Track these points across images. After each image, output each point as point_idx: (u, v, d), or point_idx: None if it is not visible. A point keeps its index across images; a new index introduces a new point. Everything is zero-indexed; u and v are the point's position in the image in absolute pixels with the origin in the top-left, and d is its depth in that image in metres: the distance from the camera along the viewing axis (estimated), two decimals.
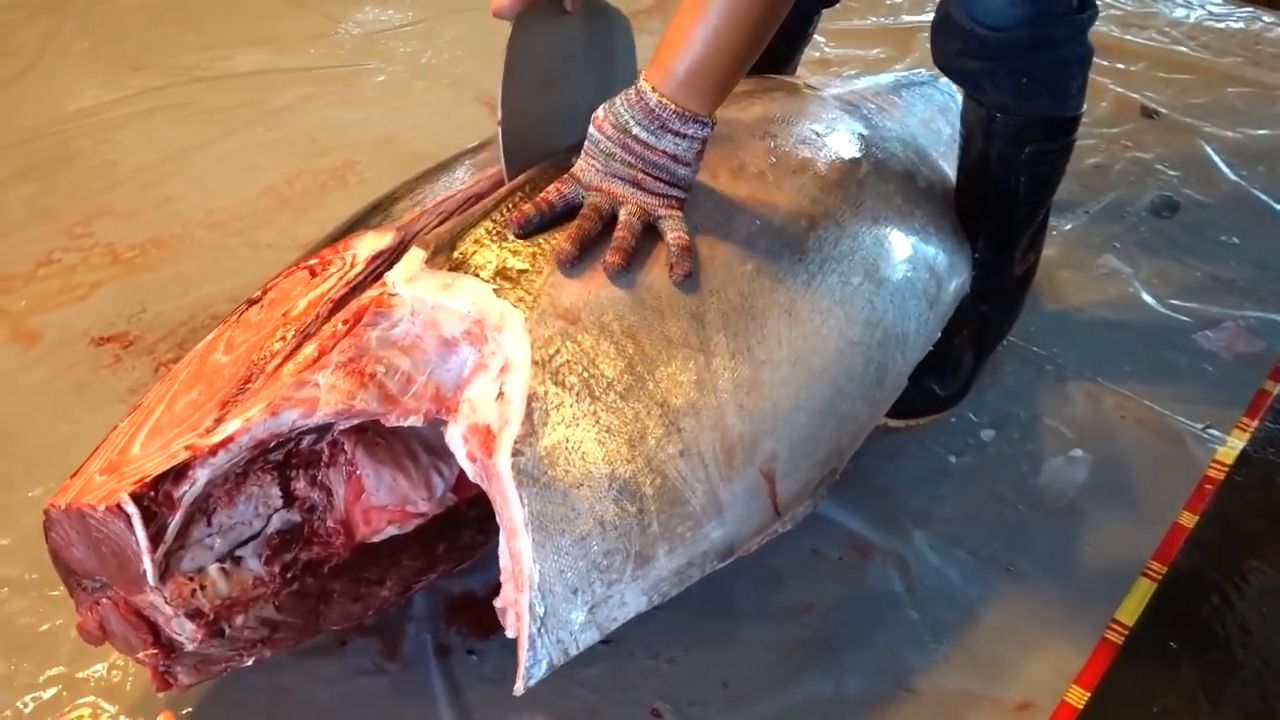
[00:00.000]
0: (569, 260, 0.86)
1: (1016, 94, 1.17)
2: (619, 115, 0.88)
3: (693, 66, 0.86)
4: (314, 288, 0.89)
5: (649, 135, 0.88)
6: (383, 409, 0.83)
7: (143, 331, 1.36)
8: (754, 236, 0.92)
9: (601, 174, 0.90)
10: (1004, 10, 1.09)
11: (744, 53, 0.87)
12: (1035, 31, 1.11)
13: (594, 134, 0.90)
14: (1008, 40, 1.11)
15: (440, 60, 2.01)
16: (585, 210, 0.89)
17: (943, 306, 1.09)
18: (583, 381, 0.82)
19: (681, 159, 0.89)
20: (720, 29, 0.85)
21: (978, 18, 1.11)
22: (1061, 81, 1.17)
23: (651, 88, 0.87)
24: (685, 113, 0.87)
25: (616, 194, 0.89)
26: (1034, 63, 1.14)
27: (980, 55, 1.14)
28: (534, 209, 0.89)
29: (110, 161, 1.68)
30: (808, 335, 0.90)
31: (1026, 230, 1.31)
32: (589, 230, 0.88)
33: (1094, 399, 1.33)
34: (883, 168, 1.09)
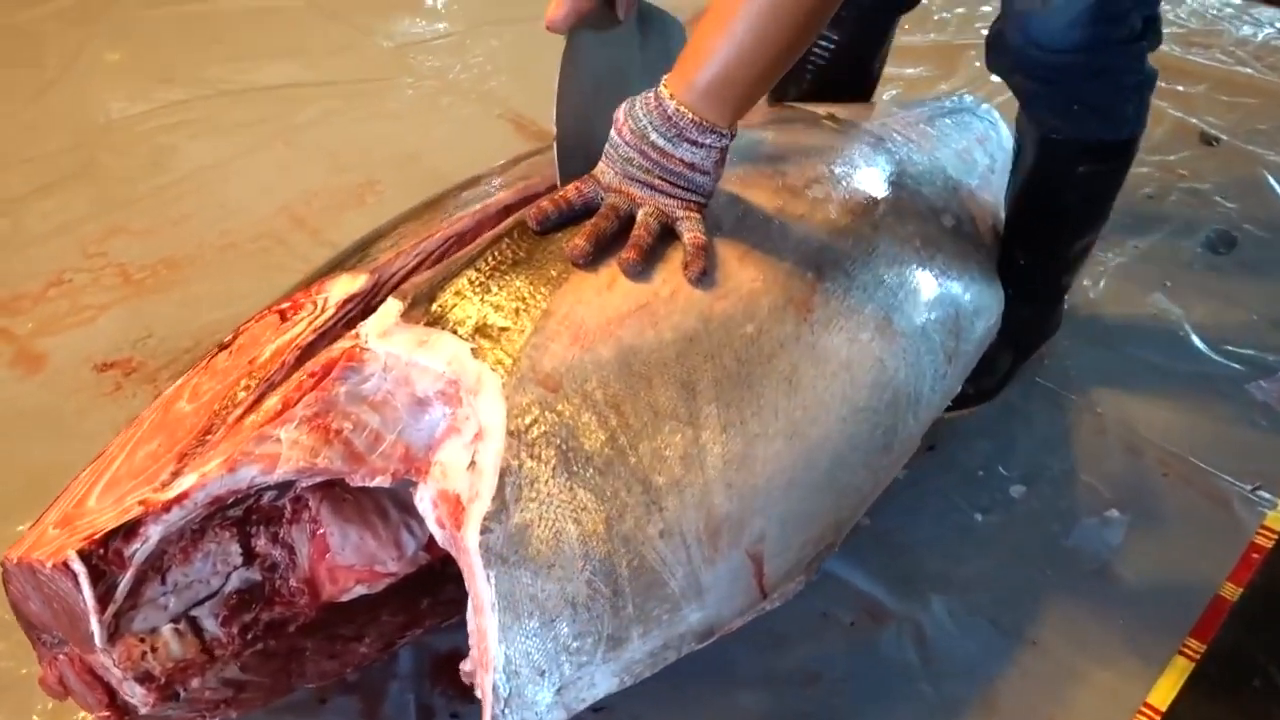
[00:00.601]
0: (583, 257, 0.83)
1: (1067, 117, 1.14)
2: (637, 120, 0.85)
3: (714, 78, 0.83)
4: (282, 333, 0.85)
5: (666, 143, 0.85)
6: (348, 467, 0.78)
7: (146, 358, 1.34)
8: (756, 295, 0.85)
9: (620, 177, 0.87)
10: (1061, 33, 1.04)
11: (769, 70, 0.84)
12: (1090, 58, 1.06)
13: (614, 137, 0.87)
14: (1062, 64, 1.07)
15: (469, 75, 1.97)
16: (603, 210, 0.86)
17: (964, 359, 1.02)
18: (560, 455, 0.77)
19: (699, 167, 0.86)
20: (746, 44, 0.81)
21: (1032, 38, 1.06)
22: (1116, 107, 1.13)
23: (670, 94, 0.84)
24: (704, 123, 0.84)
25: (635, 196, 0.87)
26: (1087, 89, 1.10)
27: (1032, 76, 1.11)
28: (553, 206, 0.86)
29: (131, 178, 1.66)
30: (808, 404, 0.83)
31: (1074, 244, 1.29)
32: (605, 229, 0.85)
33: (1134, 453, 1.25)
34: (902, 208, 1.02)
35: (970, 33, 2.20)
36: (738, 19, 0.80)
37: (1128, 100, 1.13)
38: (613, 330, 0.81)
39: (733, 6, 0.81)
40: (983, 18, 2.25)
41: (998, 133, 1.43)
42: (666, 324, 0.82)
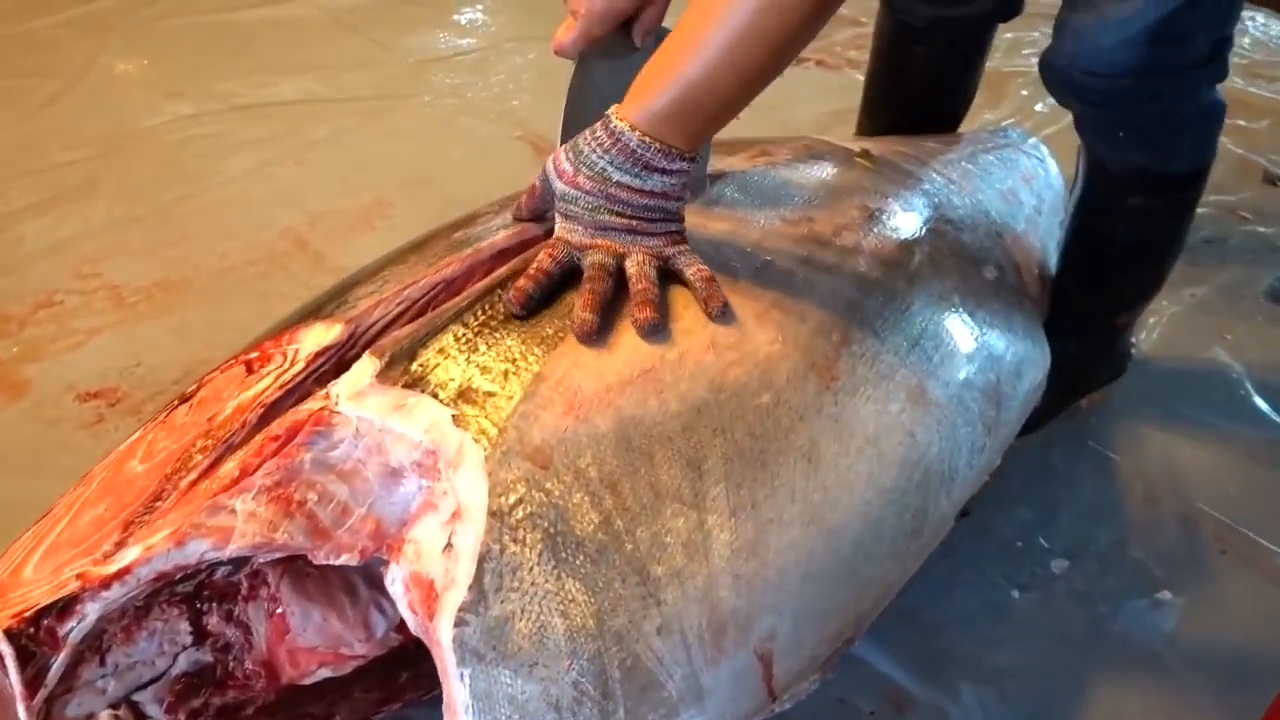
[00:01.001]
0: (593, 331, 0.74)
1: (1114, 144, 1.06)
2: (593, 164, 0.77)
3: (678, 104, 0.75)
4: (247, 388, 0.77)
5: (633, 179, 0.76)
6: (310, 543, 0.70)
7: (132, 388, 1.26)
8: (774, 359, 0.76)
9: (590, 231, 0.78)
10: (1111, 53, 0.96)
11: (737, 100, 0.76)
12: (1141, 82, 0.97)
13: (566, 190, 0.78)
14: (1109, 87, 0.98)
15: (488, 94, 1.90)
16: (590, 271, 0.77)
17: (1005, 429, 0.92)
18: (547, 540, 0.68)
19: (671, 195, 0.78)
20: (716, 72, 0.73)
21: (1080, 56, 0.98)
22: (1169, 138, 1.04)
23: (630, 126, 0.75)
24: (670, 149, 0.76)
25: (616, 247, 0.78)
26: (1137, 116, 1.02)
27: (1080, 97, 1.02)
28: (531, 283, 0.77)
29: (132, 195, 1.60)
30: (829, 485, 0.74)
31: (1128, 282, 1.20)
32: (603, 292, 0.76)
33: (1190, 527, 1.14)
34: (940, 259, 0.92)
35: (1018, 59, 2.10)
36: (706, 44, 0.73)
37: (1183, 132, 1.05)
38: (612, 399, 0.72)
39: (701, 29, 0.73)
40: (1031, 44, 2.14)
41: (1045, 170, 1.33)
42: (672, 392, 0.73)
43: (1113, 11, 0.94)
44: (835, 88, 2.01)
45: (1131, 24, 0.93)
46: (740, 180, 0.94)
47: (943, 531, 0.86)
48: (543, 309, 0.77)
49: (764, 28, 0.71)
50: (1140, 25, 0.93)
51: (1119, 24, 0.94)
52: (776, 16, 0.71)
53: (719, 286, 0.77)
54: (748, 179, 0.94)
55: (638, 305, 0.74)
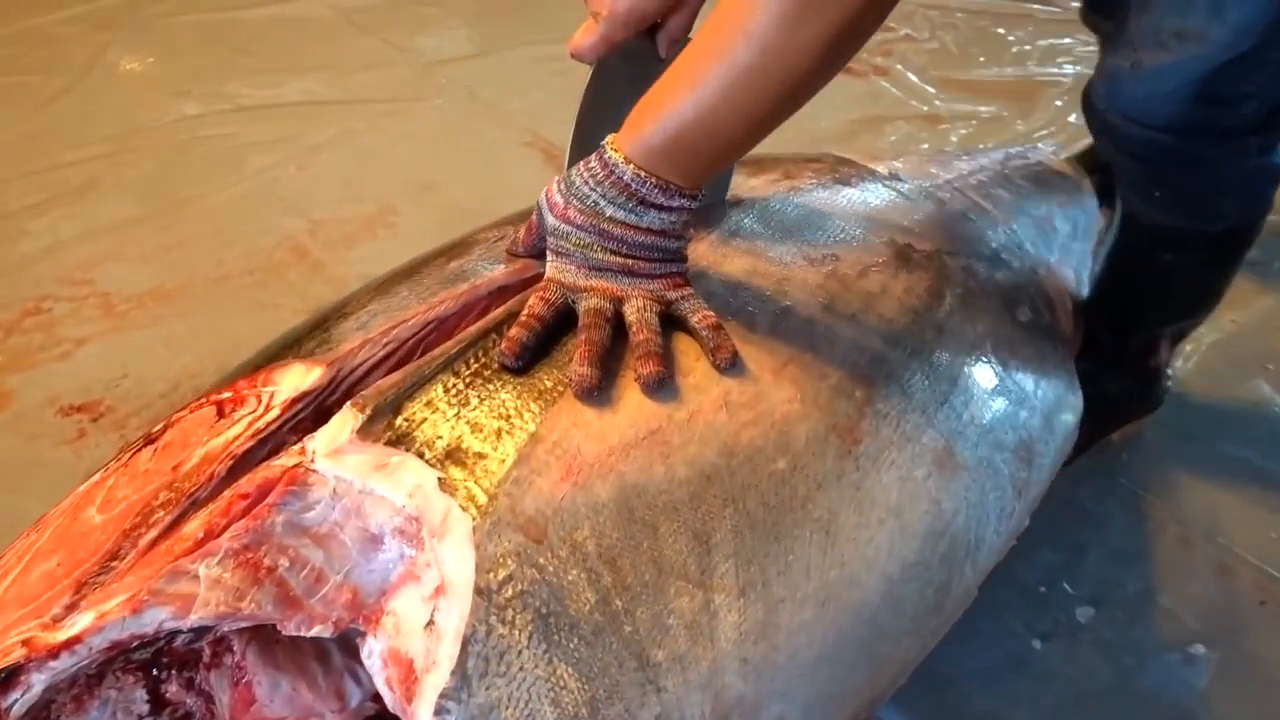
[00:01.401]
0: (592, 387, 0.68)
1: (1149, 201, 0.98)
2: (584, 197, 0.71)
3: (675, 141, 0.68)
4: (217, 434, 0.71)
5: (628, 215, 0.70)
6: (280, 614, 0.64)
7: (117, 402, 1.22)
8: (792, 421, 0.70)
9: (584, 270, 0.72)
10: (1151, 106, 0.87)
11: (741, 142, 0.70)
12: (1183, 141, 0.88)
13: (557, 225, 0.72)
14: (1147, 140, 0.89)
15: (500, 97, 1.84)
16: (585, 319, 0.71)
17: (1035, 489, 0.86)
18: (539, 620, 0.62)
19: (671, 233, 0.72)
20: (717, 109, 0.66)
21: (1119, 104, 0.90)
22: (1209, 199, 0.96)
23: (624, 159, 0.69)
24: (669, 185, 0.70)
25: (613, 290, 0.72)
26: (1171, 176, 0.93)
27: (1116, 145, 0.94)
28: (525, 331, 0.70)
29: (131, 197, 1.55)
30: (846, 561, 0.68)
31: (1161, 329, 1.13)
32: (600, 341, 0.69)
33: (1226, 574, 1.08)
34: (972, 302, 0.86)
35: (1053, 68, 2.02)
36: (707, 81, 0.66)
37: (1227, 196, 0.96)
38: (614, 464, 0.66)
39: (702, 64, 0.66)
40: (1067, 52, 2.07)
41: (1079, 192, 1.26)
42: (680, 457, 0.67)
43: (1148, 59, 0.86)
44: (861, 96, 1.94)
45: (1169, 77, 0.84)
46: (760, 209, 0.88)
47: (966, 603, 0.80)
48: (540, 358, 0.71)
49: (768, 70, 0.64)
50: (1179, 80, 0.84)
51: (1155, 75, 0.85)
52: (780, 60, 0.64)
53: (728, 335, 0.71)
54: (768, 208, 0.88)
55: (640, 359, 0.68)
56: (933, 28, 2.16)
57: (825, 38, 0.63)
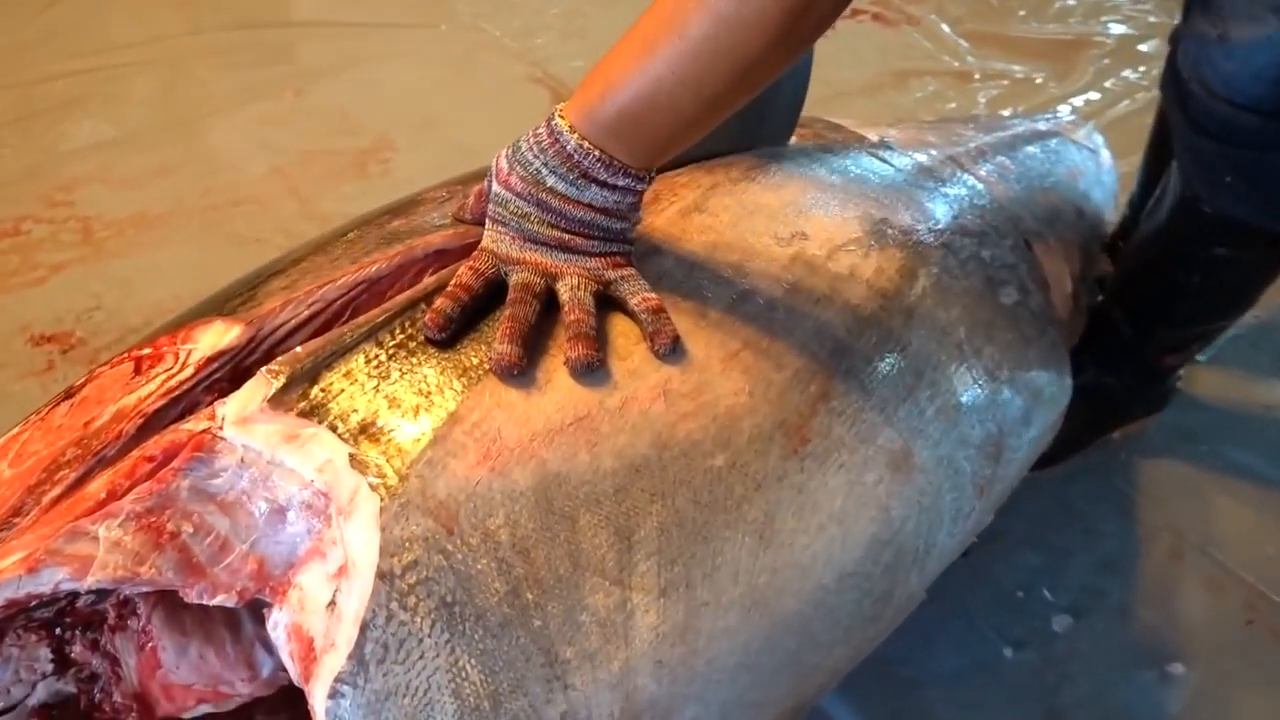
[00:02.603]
0: (515, 366, 0.63)
1: (1218, 188, 0.90)
2: (528, 164, 0.66)
3: (622, 116, 0.63)
4: (130, 391, 0.68)
5: (568, 187, 0.66)
6: (181, 580, 0.61)
7: (88, 334, 1.19)
8: (737, 415, 0.65)
9: (519, 242, 0.68)
10: (1239, 81, 0.80)
11: (691, 121, 0.64)
12: (1264, 124, 0.80)
13: (499, 192, 0.68)
14: (1226, 118, 0.82)
15: (510, 29, 1.77)
16: (513, 294, 0.66)
17: (1001, 485, 0.81)
18: (442, 609, 0.59)
19: (614, 212, 0.67)
20: (663, 82, 0.62)
21: (1202, 75, 0.82)
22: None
23: (569, 127, 0.65)
24: (614, 161, 0.65)
25: (547, 265, 0.67)
26: (1249, 162, 0.85)
27: (1192, 121, 0.86)
28: (451, 302, 0.66)
29: (119, 116, 1.51)
30: (779, 567, 0.63)
31: (1189, 328, 1.07)
32: (525, 317, 0.65)
33: (1216, 590, 1.02)
34: (949, 284, 0.80)
35: (1096, 26, 1.92)
36: (656, 51, 0.61)
37: None
38: (536, 449, 0.62)
39: (653, 32, 0.61)
40: (1115, 10, 1.96)
41: (1097, 163, 1.19)
42: (608, 446, 0.63)
43: (1236, 32, 0.79)
44: (893, 46, 1.84)
45: (1259, 54, 0.77)
46: (730, 180, 0.82)
47: (909, 609, 0.76)
48: (467, 331, 0.66)
49: (719, 43, 0.59)
50: (1270, 58, 0.77)
51: (1245, 50, 0.78)
52: (731, 32, 0.59)
53: (669, 320, 0.66)
54: (739, 178, 0.82)
55: (570, 340, 0.64)
56: None
57: (780, 6, 0.58)
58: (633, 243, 0.70)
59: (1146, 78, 1.77)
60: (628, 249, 0.69)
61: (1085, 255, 1.07)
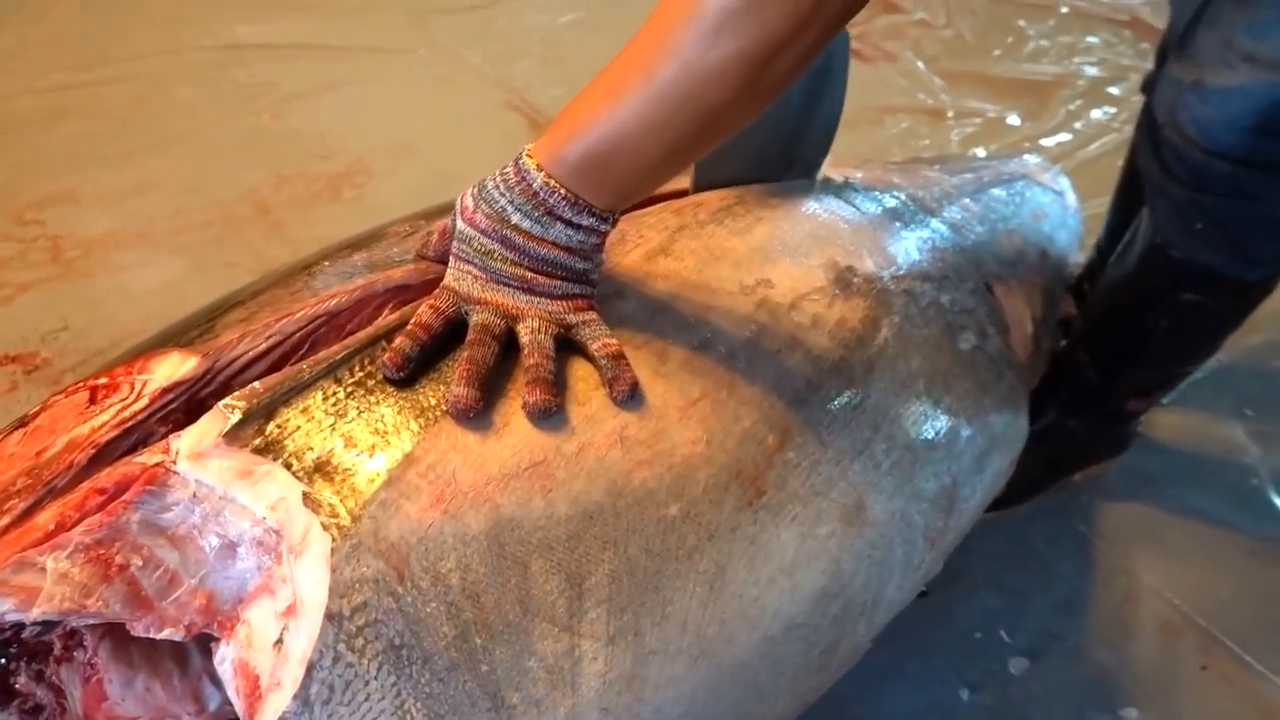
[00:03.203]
0: (468, 408, 0.63)
1: (1186, 233, 0.91)
2: (493, 201, 0.67)
3: (589, 157, 0.64)
4: (85, 420, 0.68)
5: (533, 225, 0.66)
6: (129, 613, 0.61)
7: (54, 354, 1.18)
8: (693, 465, 0.66)
9: (482, 281, 0.68)
10: (1211, 128, 0.81)
11: (656, 165, 0.65)
12: (1234, 171, 0.82)
13: (464, 229, 0.68)
14: (1199, 164, 0.84)
15: (490, 56, 1.77)
16: (472, 335, 0.66)
17: (952, 536, 0.82)
18: (390, 651, 0.59)
19: (577, 251, 0.67)
20: (629, 125, 0.62)
21: (1178, 122, 0.84)
22: (1252, 243, 0.90)
23: (536, 166, 0.65)
24: (579, 200, 0.65)
25: (508, 306, 0.67)
26: (1220, 209, 0.87)
27: (1162, 166, 0.88)
28: (409, 341, 0.66)
29: (95, 134, 1.51)
30: (727, 617, 0.64)
31: (1154, 373, 1.08)
32: (484, 360, 0.65)
33: (1170, 633, 1.03)
34: (908, 332, 0.81)
35: (1070, 67, 1.94)
36: (625, 96, 0.62)
37: (1269, 239, 0.90)
38: (490, 494, 0.62)
39: (622, 76, 0.62)
40: (1088, 51, 1.99)
41: (1062, 205, 1.20)
42: (563, 492, 0.63)
43: (1211, 78, 0.80)
44: (865, 82, 1.86)
45: (1233, 100, 0.79)
46: (699, 223, 0.82)
47: (855, 658, 0.76)
48: (426, 370, 0.66)
49: (684, 89, 0.60)
50: (1243, 107, 0.79)
51: (1218, 97, 0.80)
52: (695, 79, 0.60)
53: (628, 366, 0.66)
54: (708, 221, 0.83)
55: (529, 385, 0.64)
56: (950, 13, 2.07)
57: (744, 58, 0.59)
58: (596, 285, 0.70)
59: (1118, 120, 1.79)
60: (591, 291, 0.69)
61: (1048, 297, 1.08)
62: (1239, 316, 1.00)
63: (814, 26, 0.61)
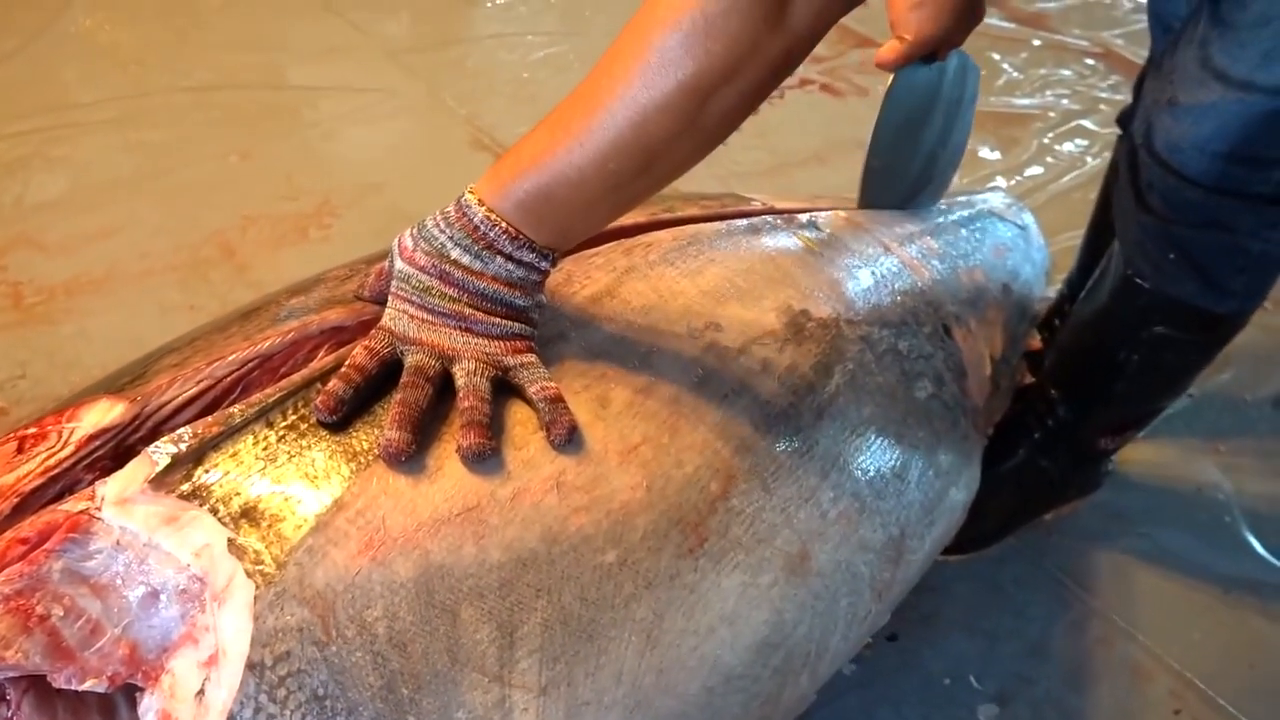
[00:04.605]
0: (400, 452, 0.62)
1: (1157, 264, 0.91)
2: (433, 239, 0.66)
3: (530, 189, 0.64)
4: (12, 469, 0.67)
5: (472, 260, 0.66)
6: (49, 665, 0.59)
7: (10, 403, 1.16)
8: (632, 511, 0.64)
9: (419, 321, 0.67)
10: (1189, 151, 0.80)
11: (596, 197, 0.65)
12: (1205, 199, 0.81)
13: (402, 268, 0.68)
14: (1171, 191, 0.83)
15: (459, 93, 1.77)
16: (406, 377, 0.65)
17: (900, 586, 0.80)
18: (313, 703, 0.57)
19: (517, 286, 0.67)
20: (572, 157, 0.63)
21: (1152, 144, 0.83)
22: (1222, 273, 0.89)
23: (478, 201, 0.65)
24: (519, 235, 0.65)
25: (444, 347, 0.66)
26: (1192, 239, 0.86)
27: (1136, 194, 0.87)
28: (342, 384, 0.65)
29: (58, 177, 1.50)
30: (665, 667, 0.62)
31: (1123, 411, 1.06)
32: (417, 403, 0.64)
33: (1142, 678, 1.01)
34: (862, 379, 0.79)
35: (1044, 100, 1.94)
36: (569, 129, 0.62)
37: (1239, 271, 0.88)
38: (420, 540, 0.61)
39: (568, 114, 0.63)
40: (1061, 84, 1.99)
41: (1026, 241, 1.20)
42: (496, 539, 0.61)
43: (1185, 96, 0.79)
44: (837, 116, 1.87)
45: (1203, 120, 0.78)
46: (649, 264, 0.81)
47: (799, 710, 0.74)
48: (360, 413, 0.65)
49: (626, 123, 0.61)
50: (1214, 127, 0.77)
51: (1191, 116, 0.78)
52: (637, 114, 0.61)
53: (566, 410, 0.65)
54: (658, 262, 0.82)
55: (463, 428, 0.63)
56: None
57: (684, 89, 0.60)
58: (535, 325, 0.69)
59: (1090, 152, 1.79)
60: (530, 332, 0.69)
61: (1009, 335, 1.07)
62: (1210, 351, 0.99)
63: (752, 66, 0.61)
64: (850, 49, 2.03)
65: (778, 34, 0.60)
